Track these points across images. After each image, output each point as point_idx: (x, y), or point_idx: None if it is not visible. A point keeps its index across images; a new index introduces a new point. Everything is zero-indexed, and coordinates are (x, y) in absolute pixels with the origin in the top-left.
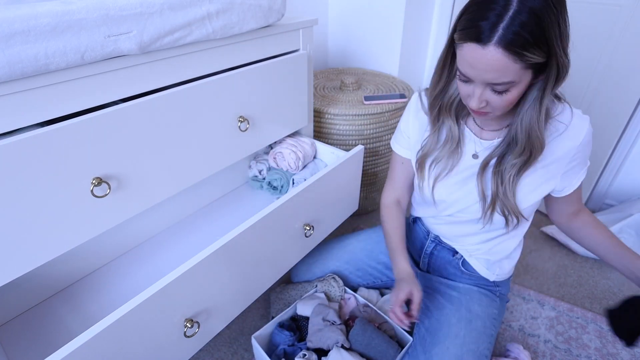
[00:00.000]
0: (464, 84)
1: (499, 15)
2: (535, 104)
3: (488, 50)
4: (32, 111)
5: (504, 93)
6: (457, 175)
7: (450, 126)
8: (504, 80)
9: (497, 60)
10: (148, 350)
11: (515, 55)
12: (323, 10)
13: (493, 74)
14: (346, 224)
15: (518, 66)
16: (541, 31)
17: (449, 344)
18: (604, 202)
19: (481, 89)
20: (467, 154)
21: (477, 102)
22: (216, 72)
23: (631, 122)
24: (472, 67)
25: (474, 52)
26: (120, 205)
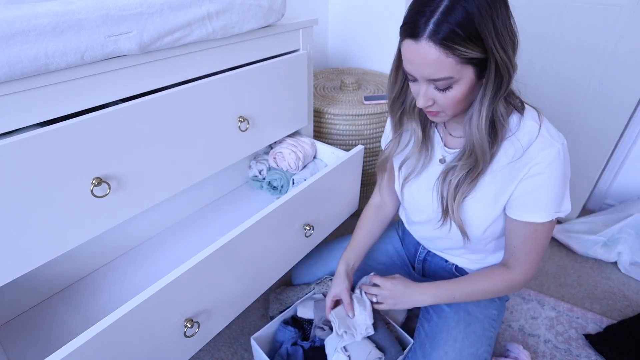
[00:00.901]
0: (412, 83)
1: (431, 10)
2: (478, 107)
3: (421, 45)
4: (32, 111)
5: (447, 90)
6: (425, 180)
7: (414, 129)
8: (442, 76)
9: (429, 55)
10: (148, 350)
11: (446, 48)
12: (323, 10)
13: (429, 69)
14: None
15: (452, 60)
16: (472, 25)
17: (447, 349)
18: (604, 202)
19: (425, 87)
20: (435, 159)
21: (423, 100)
22: (216, 72)
23: (631, 122)
24: (410, 63)
25: (410, 47)
26: (121, 205)
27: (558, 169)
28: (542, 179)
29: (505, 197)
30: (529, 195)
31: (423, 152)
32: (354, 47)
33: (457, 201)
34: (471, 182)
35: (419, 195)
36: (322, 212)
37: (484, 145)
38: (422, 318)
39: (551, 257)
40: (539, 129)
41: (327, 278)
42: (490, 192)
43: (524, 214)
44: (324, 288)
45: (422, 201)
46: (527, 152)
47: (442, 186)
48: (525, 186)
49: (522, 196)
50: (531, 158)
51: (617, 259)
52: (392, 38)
